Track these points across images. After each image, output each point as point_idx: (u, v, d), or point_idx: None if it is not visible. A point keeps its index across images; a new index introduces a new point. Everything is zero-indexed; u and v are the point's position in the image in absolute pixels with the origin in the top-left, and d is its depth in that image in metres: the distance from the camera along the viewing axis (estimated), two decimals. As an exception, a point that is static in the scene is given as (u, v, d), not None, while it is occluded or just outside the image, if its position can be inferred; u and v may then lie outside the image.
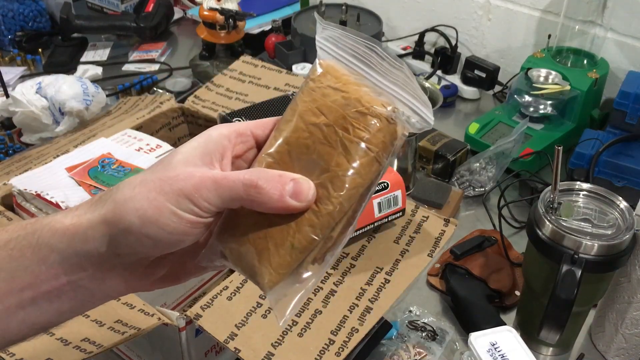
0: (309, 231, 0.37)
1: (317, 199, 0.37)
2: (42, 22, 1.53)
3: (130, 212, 0.36)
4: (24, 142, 1.10)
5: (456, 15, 1.42)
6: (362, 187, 0.38)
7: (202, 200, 0.36)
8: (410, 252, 0.72)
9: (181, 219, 0.36)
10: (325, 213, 0.37)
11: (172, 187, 0.36)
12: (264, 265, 0.38)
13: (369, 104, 0.38)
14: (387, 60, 0.38)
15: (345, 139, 0.37)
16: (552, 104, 1.14)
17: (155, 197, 0.36)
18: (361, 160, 0.37)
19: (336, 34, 0.39)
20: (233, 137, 0.40)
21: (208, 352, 0.71)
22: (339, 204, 0.38)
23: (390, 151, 0.39)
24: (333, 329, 0.62)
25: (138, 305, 0.62)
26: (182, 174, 0.37)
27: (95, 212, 0.38)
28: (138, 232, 0.37)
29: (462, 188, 1.06)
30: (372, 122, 0.37)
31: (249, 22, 1.40)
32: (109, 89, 1.28)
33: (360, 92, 0.38)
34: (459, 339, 0.80)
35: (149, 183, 0.37)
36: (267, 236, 0.38)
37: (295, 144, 0.38)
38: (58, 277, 0.39)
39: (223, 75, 1.09)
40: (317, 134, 0.38)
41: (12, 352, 0.58)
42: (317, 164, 0.38)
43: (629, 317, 0.75)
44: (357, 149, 0.37)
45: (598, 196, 0.73)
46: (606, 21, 1.18)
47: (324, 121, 0.38)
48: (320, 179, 0.38)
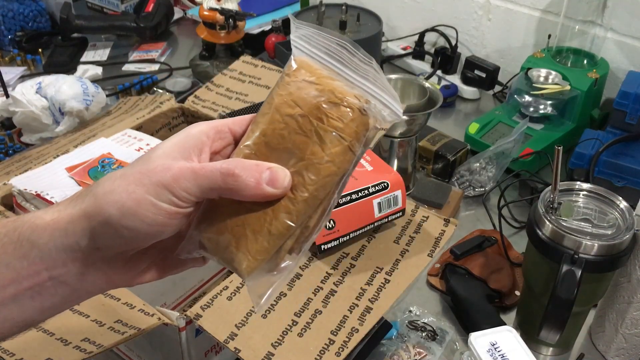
0: (285, 217, 0.39)
1: (292, 186, 0.39)
2: (42, 22, 1.53)
3: (110, 205, 0.37)
4: (24, 142, 1.10)
5: (456, 15, 1.42)
6: (336, 175, 0.40)
7: (181, 191, 0.37)
8: (410, 252, 0.72)
9: (160, 209, 0.37)
10: (301, 200, 0.39)
11: (151, 179, 0.37)
12: (242, 251, 0.39)
13: (342, 95, 0.39)
14: (357, 56, 0.40)
15: (320, 129, 0.39)
16: (552, 104, 1.14)
17: (134, 190, 0.37)
18: (335, 149, 0.39)
19: (309, 32, 0.40)
20: (211, 134, 0.41)
21: (208, 352, 0.71)
22: (314, 191, 0.39)
23: (363, 141, 0.40)
24: (333, 329, 0.62)
25: (138, 305, 0.62)
26: (161, 167, 0.38)
27: (76, 207, 0.39)
28: (117, 223, 0.37)
29: (462, 188, 1.06)
30: (345, 112, 0.39)
31: (249, 22, 1.40)
32: (109, 89, 1.28)
33: (334, 84, 0.39)
34: (459, 339, 0.80)
35: (129, 176, 0.38)
36: (245, 224, 0.39)
37: (271, 135, 0.39)
38: (39, 273, 0.39)
39: (223, 75, 1.09)
40: (292, 124, 0.39)
41: (12, 352, 0.58)
42: (293, 153, 0.39)
43: (629, 317, 0.75)
44: (331, 138, 0.39)
45: (598, 196, 0.73)
46: (606, 21, 1.18)
47: (299, 112, 0.39)
48: (296, 167, 0.39)
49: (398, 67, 1.47)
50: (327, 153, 0.39)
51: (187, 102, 1.03)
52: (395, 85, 1.04)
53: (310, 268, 0.68)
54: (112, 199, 0.37)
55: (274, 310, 0.63)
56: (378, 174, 0.71)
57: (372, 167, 0.73)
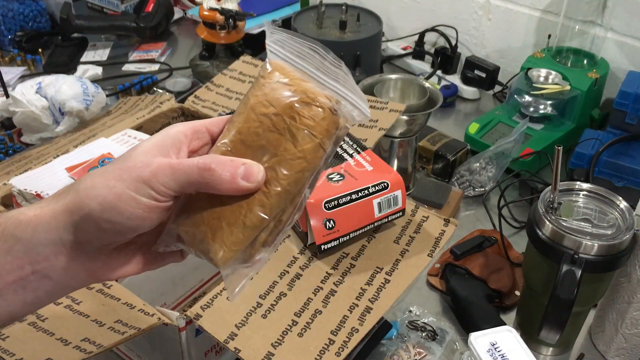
0: (259, 210, 0.41)
1: (266, 181, 0.41)
2: (42, 22, 1.53)
3: (91, 199, 0.39)
4: (24, 142, 1.10)
5: (456, 15, 1.42)
6: (307, 170, 0.42)
7: (160, 185, 0.39)
8: (410, 252, 0.72)
9: (139, 203, 0.39)
10: (274, 194, 0.41)
11: (131, 175, 0.39)
12: (217, 243, 0.41)
13: (314, 95, 0.41)
14: (327, 60, 0.42)
15: (292, 127, 0.41)
16: (552, 104, 1.14)
17: (114, 185, 0.39)
18: (307, 146, 0.41)
19: (283, 37, 0.43)
20: (189, 133, 0.43)
21: (208, 352, 0.71)
22: (287, 185, 0.41)
23: (333, 139, 0.42)
24: (333, 329, 0.62)
25: (138, 305, 0.62)
26: (140, 163, 0.40)
27: (58, 203, 0.40)
28: (99, 217, 0.39)
29: (462, 188, 1.06)
30: (316, 111, 0.41)
31: (249, 22, 1.40)
32: (109, 89, 1.28)
33: (306, 86, 0.41)
34: (459, 339, 0.80)
35: (109, 173, 0.40)
36: (221, 217, 0.41)
37: (246, 133, 0.41)
38: (23, 267, 0.40)
39: (223, 75, 1.09)
40: (266, 123, 0.41)
41: (12, 352, 0.58)
42: (267, 150, 0.41)
43: (629, 317, 0.75)
44: (303, 135, 0.41)
45: (598, 196, 0.73)
46: (606, 21, 1.18)
47: (273, 111, 0.41)
48: (270, 163, 0.41)
49: (398, 67, 1.47)
50: (299, 149, 0.41)
51: (187, 102, 1.03)
52: (395, 85, 1.04)
53: (310, 268, 0.68)
54: (93, 194, 0.39)
55: (274, 310, 0.63)
56: (378, 174, 0.71)
57: (372, 167, 0.73)
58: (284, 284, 0.66)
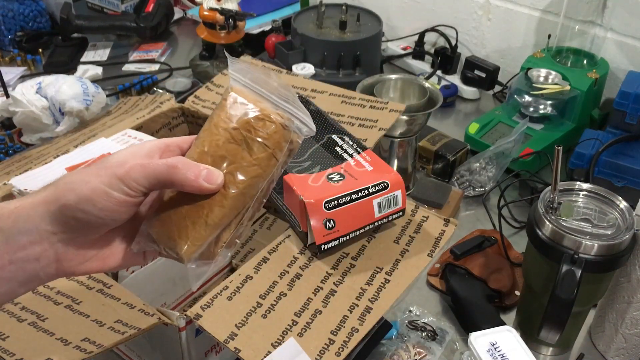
0: (219, 210, 0.48)
1: (225, 184, 0.48)
2: (42, 22, 1.53)
3: (69, 192, 0.44)
4: (24, 142, 1.10)
5: (456, 15, 1.42)
6: (261, 177, 0.49)
7: (132, 181, 0.44)
8: (410, 252, 0.71)
9: (111, 197, 0.44)
10: (232, 196, 0.48)
11: (107, 172, 0.45)
12: (182, 239, 0.48)
13: (268, 113, 0.48)
14: (278, 84, 0.49)
15: (248, 139, 0.48)
16: (552, 104, 1.14)
17: (90, 180, 0.44)
18: (260, 155, 0.48)
19: (242, 66, 0.50)
20: (162, 146, 0.49)
21: (208, 352, 0.71)
22: (243, 188, 0.48)
23: (285, 151, 0.49)
24: (333, 329, 0.62)
25: (138, 305, 0.62)
26: (116, 163, 0.45)
27: (38, 196, 0.45)
28: (74, 207, 0.44)
29: (462, 188, 1.06)
30: (270, 126, 0.48)
31: (249, 22, 1.40)
32: (109, 89, 1.28)
33: (262, 105, 0.49)
34: (459, 339, 0.80)
35: (87, 171, 0.45)
36: (186, 216, 0.48)
37: (209, 145, 0.48)
38: (1, 257, 0.44)
39: (223, 75, 1.09)
40: (226, 136, 0.48)
41: (12, 352, 0.58)
42: (226, 159, 0.48)
43: (629, 317, 0.75)
44: (258, 146, 0.48)
45: (598, 196, 0.74)
46: (606, 21, 1.18)
47: (233, 126, 0.48)
48: (229, 169, 0.48)
49: (398, 67, 1.47)
50: (254, 158, 0.48)
51: (187, 102, 1.03)
52: (395, 85, 1.05)
53: (310, 268, 0.68)
54: (70, 187, 0.44)
55: (274, 310, 0.63)
56: (378, 174, 0.71)
57: (372, 167, 0.73)
58: (284, 284, 0.66)
